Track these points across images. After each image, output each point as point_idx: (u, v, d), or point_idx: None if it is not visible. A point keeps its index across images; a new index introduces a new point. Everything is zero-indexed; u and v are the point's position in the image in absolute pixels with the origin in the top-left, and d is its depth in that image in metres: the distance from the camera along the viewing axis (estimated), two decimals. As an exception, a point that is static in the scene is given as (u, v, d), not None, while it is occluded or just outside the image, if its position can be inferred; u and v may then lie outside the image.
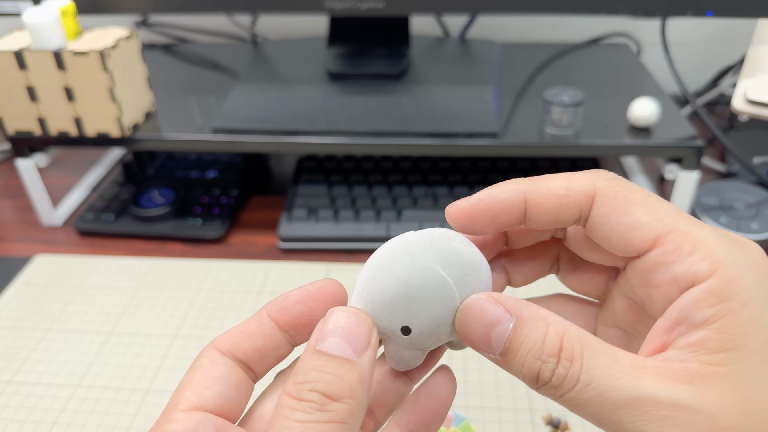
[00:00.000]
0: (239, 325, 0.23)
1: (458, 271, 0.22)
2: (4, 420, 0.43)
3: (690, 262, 0.19)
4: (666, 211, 0.21)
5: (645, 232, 0.20)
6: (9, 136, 0.60)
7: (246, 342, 0.23)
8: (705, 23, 0.83)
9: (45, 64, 0.55)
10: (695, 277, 0.19)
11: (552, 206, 0.22)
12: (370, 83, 0.63)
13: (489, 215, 0.23)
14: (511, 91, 0.66)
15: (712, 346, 0.19)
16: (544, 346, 0.19)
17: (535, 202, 0.22)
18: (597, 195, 0.21)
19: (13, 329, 0.51)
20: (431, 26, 0.84)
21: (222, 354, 0.22)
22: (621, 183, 0.22)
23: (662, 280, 0.20)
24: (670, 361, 0.19)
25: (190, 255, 0.60)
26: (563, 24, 0.85)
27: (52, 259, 0.59)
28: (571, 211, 0.22)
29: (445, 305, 0.22)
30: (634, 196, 0.21)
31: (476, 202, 0.23)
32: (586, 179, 0.22)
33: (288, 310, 0.23)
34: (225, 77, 0.71)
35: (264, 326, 0.23)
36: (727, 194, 0.61)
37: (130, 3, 0.62)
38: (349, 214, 0.60)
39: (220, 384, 0.22)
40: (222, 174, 0.69)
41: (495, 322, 0.20)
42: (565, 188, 0.22)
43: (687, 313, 0.19)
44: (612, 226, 0.21)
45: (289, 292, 0.23)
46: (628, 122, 0.59)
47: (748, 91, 0.56)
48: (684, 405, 0.18)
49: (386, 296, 0.22)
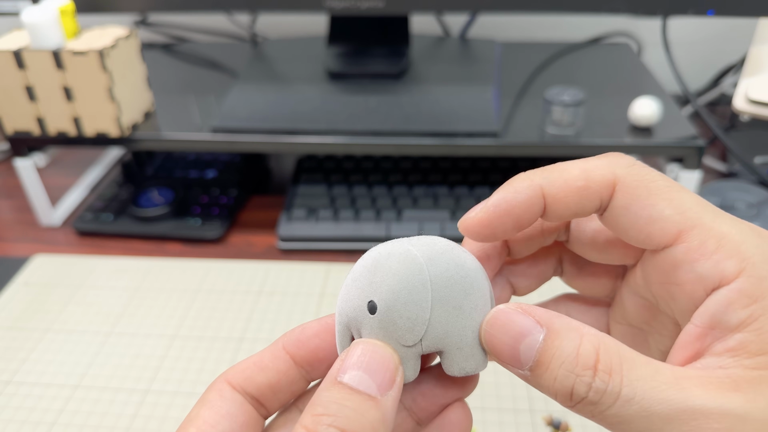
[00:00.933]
0: (253, 357, 0.22)
1: (428, 251, 0.21)
2: (3, 420, 0.43)
3: (715, 260, 0.18)
4: (689, 202, 0.19)
5: (667, 226, 0.19)
6: (8, 136, 0.60)
7: (259, 376, 0.22)
8: (706, 22, 0.83)
9: (44, 63, 0.55)
10: (722, 277, 0.18)
11: (572, 200, 0.21)
12: (370, 83, 0.63)
13: (509, 220, 0.21)
14: (511, 91, 0.66)
15: (753, 349, 0.17)
16: (578, 357, 0.18)
17: (553, 197, 0.21)
18: (618, 184, 0.20)
19: (11, 329, 0.51)
20: (431, 25, 0.84)
21: (233, 389, 0.22)
22: (642, 170, 0.20)
23: (685, 279, 0.19)
24: (712, 368, 0.18)
25: (189, 255, 0.60)
26: (564, 23, 0.85)
27: (51, 259, 0.58)
28: (592, 202, 0.21)
29: (413, 280, 0.20)
30: (656, 186, 0.20)
31: (494, 210, 0.21)
32: (605, 167, 0.20)
33: (305, 343, 0.22)
34: (224, 77, 0.71)
35: (279, 360, 0.22)
36: (729, 194, 0.61)
37: (129, 2, 0.62)
38: (348, 214, 0.60)
39: (226, 422, 0.21)
40: (221, 174, 0.69)
41: (524, 333, 0.19)
42: (584, 179, 0.20)
43: (720, 317, 0.18)
44: (632, 217, 0.20)
45: (307, 324, 0.22)
46: (629, 122, 0.59)
47: (749, 90, 0.56)
48: (735, 414, 0.17)
49: (355, 272, 0.21)
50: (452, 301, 0.20)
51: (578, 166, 0.21)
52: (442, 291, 0.20)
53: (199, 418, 0.21)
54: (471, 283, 0.21)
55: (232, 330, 0.50)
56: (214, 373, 0.46)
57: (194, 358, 0.48)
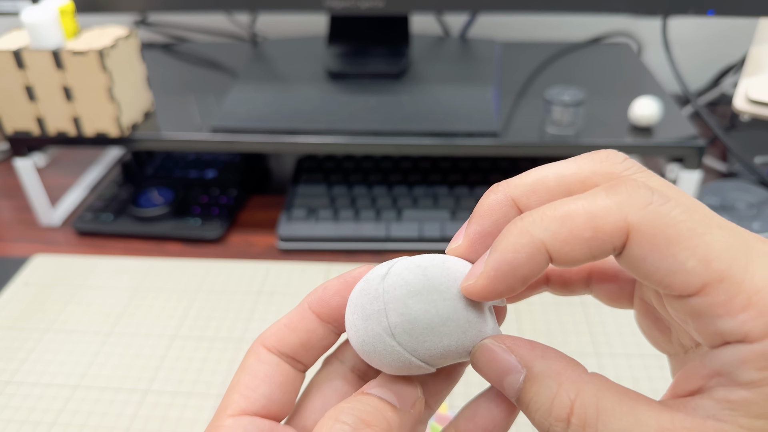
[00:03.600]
0: (283, 319, 0.24)
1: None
2: (3, 420, 0.43)
3: (741, 320, 0.17)
4: (718, 248, 0.17)
5: (690, 279, 0.17)
6: (7, 136, 0.60)
7: (291, 337, 0.23)
8: (706, 22, 0.83)
9: (43, 63, 0.55)
10: (746, 336, 0.17)
11: (579, 253, 0.18)
12: (370, 82, 0.63)
13: (514, 281, 0.19)
14: (511, 91, 0.65)
15: (755, 411, 0.17)
16: (552, 408, 0.18)
17: (558, 251, 0.18)
18: (632, 233, 0.17)
19: (11, 329, 0.51)
20: (431, 25, 0.84)
21: (269, 351, 0.23)
22: (659, 210, 0.17)
23: (705, 329, 0.18)
24: (705, 412, 0.17)
25: (189, 255, 0.60)
26: (564, 23, 0.85)
27: (51, 259, 0.58)
28: (603, 252, 0.18)
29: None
30: (677, 231, 0.17)
31: (495, 275, 0.19)
32: (615, 212, 0.17)
33: (327, 302, 0.23)
34: (224, 76, 0.71)
35: (307, 320, 0.23)
36: (729, 194, 0.61)
37: (129, 2, 0.62)
38: (348, 214, 0.60)
39: (265, 385, 0.22)
40: (221, 174, 0.69)
41: (506, 371, 0.19)
42: (592, 229, 0.18)
43: (730, 369, 0.17)
44: (650, 269, 0.18)
45: (328, 282, 0.24)
46: (630, 122, 0.59)
47: (749, 90, 0.56)
48: None
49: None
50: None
51: (584, 209, 0.18)
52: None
53: (241, 384, 0.22)
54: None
55: (232, 330, 0.50)
56: (214, 373, 0.46)
57: (194, 358, 0.48)
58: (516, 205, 0.20)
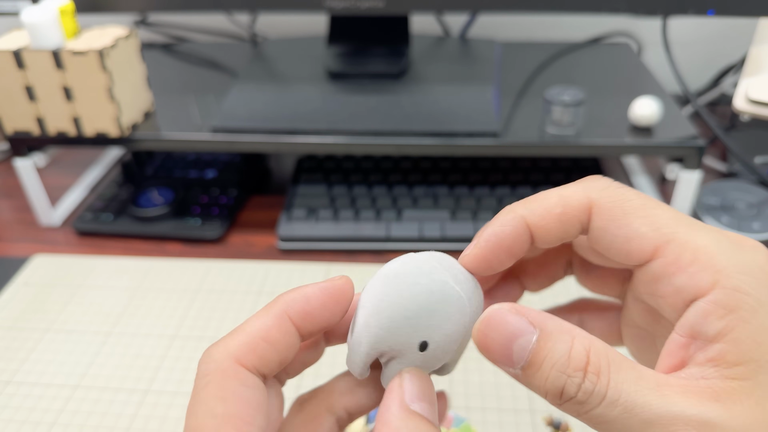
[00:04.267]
0: (255, 326, 0.21)
1: (467, 288, 0.22)
2: (3, 420, 0.43)
3: (690, 273, 0.19)
4: (664, 218, 0.20)
5: (643, 243, 0.20)
6: (7, 136, 0.60)
7: (271, 353, 0.21)
8: (706, 22, 0.83)
9: (43, 63, 0.55)
10: (698, 289, 0.19)
11: (553, 226, 0.22)
12: (370, 82, 0.63)
13: (501, 252, 0.22)
14: (511, 91, 0.65)
15: (731, 359, 0.18)
16: (570, 360, 0.19)
17: (536, 225, 0.22)
18: (593, 207, 0.21)
19: (11, 329, 0.51)
20: (431, 25, 0.84)
21: (251, 373, 0.20)
22: (616, 191, 0.21)
23: (666, 291, 0.20)
24: (695, 378, 0.19)
25: (189, 255, 0.60)
26: (564, 23, 0.85)
27: (51, 259, 0.58)
28: (573, 227, 0.22)
29: (459, 321, 0.22)
30: (631, 205, 0.21)
31: (484, 245, 0.22)
32: (580, 192, 0.21)
33: (313, 317, 0.22)
34: (224, 76, 0.71)
35: (288, 334, 0.21)
36: (729, 194, 0.61)
37: (129, 2, 0.62)
38: (348, 214, 0.60)
39: (260, 416, 0.20)
40: (221, 174, 0.69)
41: (517, 333, 0.19)
42: (562, 206, 0.21)
43: (698, 328, 0.19)
44: (610, 238, 0.21)
45: (308, 291, 0.22)
46: (630, 122, 0.59)
47: (749, 90, 0.56)
48: (713, 423, 0.17)
49: (409, 310, 0.21)
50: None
51: (556, 192, 0.22)
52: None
53: (233, 417, 0.19)
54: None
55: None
56: (214, 373, 0.46)
57: (194, 358, 0.48)
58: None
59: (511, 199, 0.60)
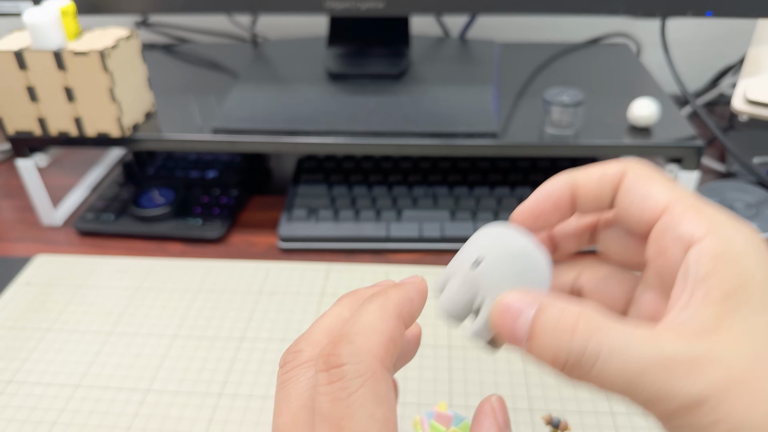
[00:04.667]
0: (388, 329, 0.22)
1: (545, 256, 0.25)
2: (4, 420, 0.43)
3: (690, 223, 0.22)
4: (679, 189, 0.23)
5: (657, 202, 0.23)
6: (9, 136, 0.60)
7: (395, 354, 0.22)
8: (705, 23, 0.83)
9: (45, 64, 0.55)
10: (693, 237, 0.21)
11: (592, 188, 0.25)
12: (370, 83, 0.63)
13: (550, 209, 0.26)
14: (511, 91, 0.66)
15: (716, 297, 0.20)
16: (559, 323, 0.20)
17: (579, 186, 0.25)
18: (626, 173, 0.24)
19: (12, 329, 0.51)
20: (431, 26, 0.84)
21: (390, 374, 0.22)
22: (647, 166, 0.25)
23: (668, 243, 0.22)
24: (687, 320, 0.20)
25: (190, 255, 0.60)
26: (563, 24, 0.85)
27: (52, 259, 0.59)
28: (607, 191, 0.25)
29: (533, 278, 0.24)
30: (656, 177, 0.24)
31: (535, 199, 0.26)
32: (618, 164, 0.25)
33: (412, 317, 0.24)
34: (225, 77, 0.71)
35: (402, 335, 0.23)
36: (727, 194, 0.61)
37: (130, 3, 0.62)
38: (349, 214, 0.60)
39: (394, 416, 0.21)
40: (222, 174, 0.69)
41: (520, 311, 0.21)
42: (602, 171, 0.25)
43: (693, 272, 0.21)
44: (632, 196, 0.24)
45: (409, 292, 0.24)
46: (628, 122, 0.59)
47: (747, 91, 0.56)
48: (700, 359, 0.19)
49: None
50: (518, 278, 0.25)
51: (599, 164, 0.26)
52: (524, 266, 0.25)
53: (388, 420, 0.20)
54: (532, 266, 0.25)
55: (233, 330, 0.50)
56: (215, 372, 0.46)
57: (195, 358, 0.48)
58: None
59: (510, 200, 0.60)
